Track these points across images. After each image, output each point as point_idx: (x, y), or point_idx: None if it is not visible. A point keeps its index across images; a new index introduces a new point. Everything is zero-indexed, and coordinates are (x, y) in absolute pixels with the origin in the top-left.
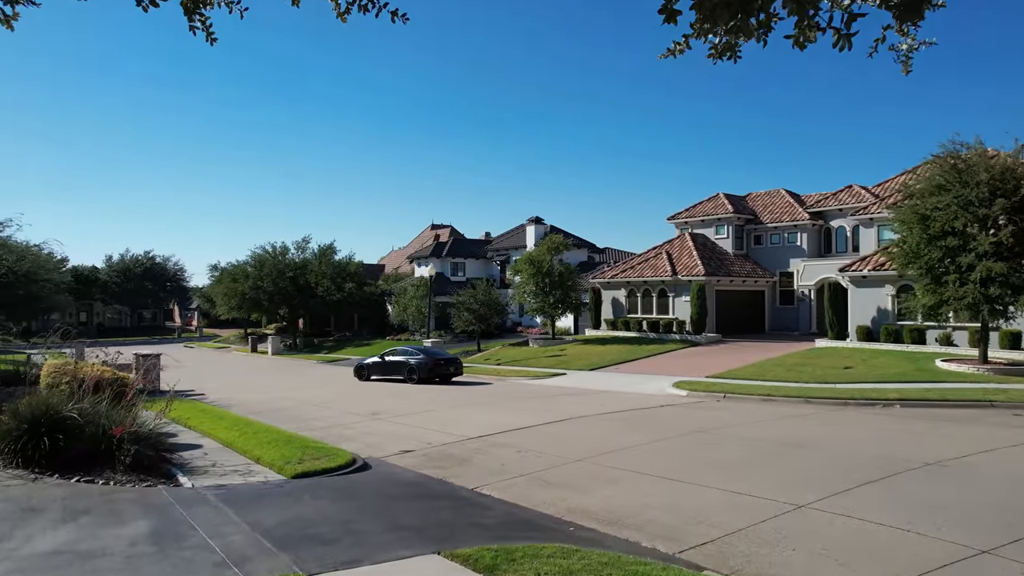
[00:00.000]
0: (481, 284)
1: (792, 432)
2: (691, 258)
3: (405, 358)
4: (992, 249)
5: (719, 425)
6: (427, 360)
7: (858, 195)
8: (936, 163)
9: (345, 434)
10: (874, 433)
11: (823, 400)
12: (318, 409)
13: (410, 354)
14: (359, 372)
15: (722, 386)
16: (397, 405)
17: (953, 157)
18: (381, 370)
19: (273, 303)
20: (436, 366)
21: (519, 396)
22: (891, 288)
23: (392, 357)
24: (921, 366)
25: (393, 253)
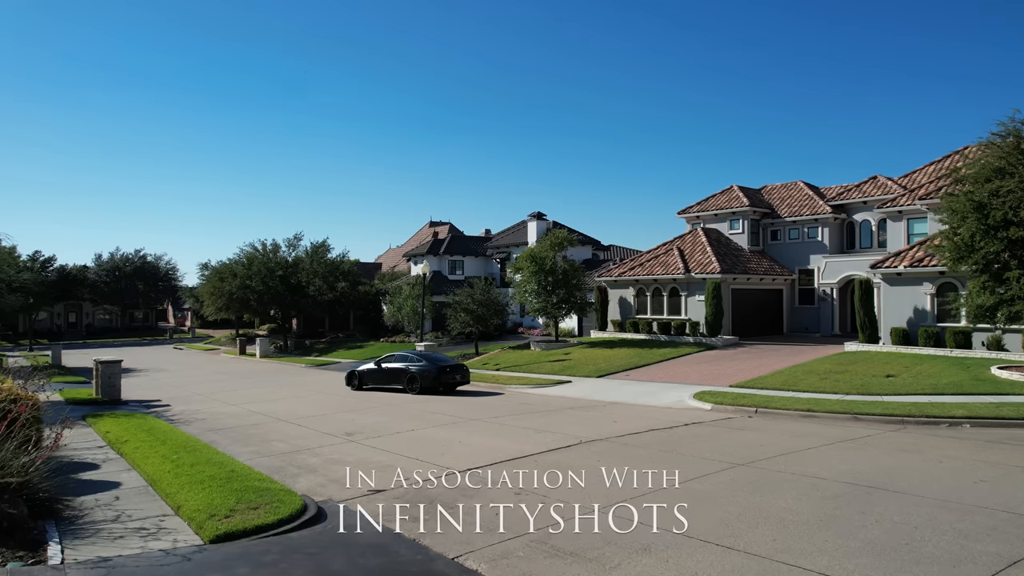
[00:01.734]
0: (479, 283)
1: (858, 466)
2: (705, 254)
3: (404, 365)
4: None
5: (763, 454)
6: (430, 367)
7: (884, 186)
8: (991, 145)
9: (308, 463)
10: (963, 467)
11: (875, 417)
12: (289, 426)
13: (410, 360)
14: (350, 380)
15: (751, 398)
16: (378, 422)
17: (1016, 136)
18: (377, 378)
19: (262, 303)
20: (441, 374)
21: (519, 411)
22: (930, 286)
23: (389, 364)
24: (976, 375)
25: (390, 251)
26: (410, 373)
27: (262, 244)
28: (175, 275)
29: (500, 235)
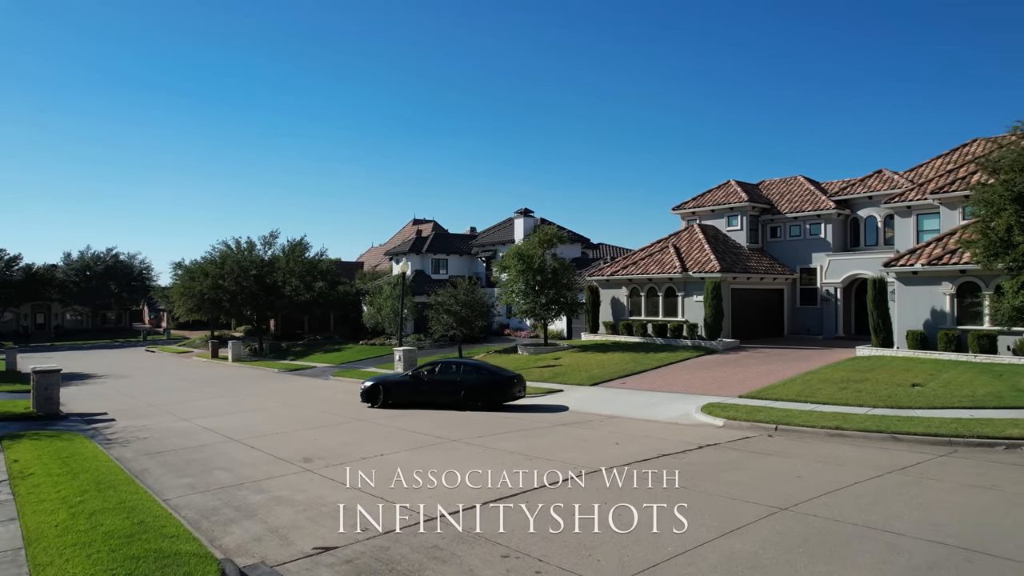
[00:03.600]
0: (463, 282)
1: (932, 512)
2: (703, 252)
3: (456, 375)
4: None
5: (804, 492)
6: (494, 378)
7: (890, 180)
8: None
9: (249, 503)
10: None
11: (917, 438)
12: (240, 448)
13: (461, 369)
14: (371, 396)
15: (767, 412)
16: (343, 444)
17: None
18: (414, 392)
19: (235, 304)
20: (508, 387)
21: (506, 427)
22: (949, 286)
23: (434, 375)
24: (1013, 384)
25: (372, 250)
26: (468, 385)
27: (236, 242)
28: (149, 275)
29: (485, 233)
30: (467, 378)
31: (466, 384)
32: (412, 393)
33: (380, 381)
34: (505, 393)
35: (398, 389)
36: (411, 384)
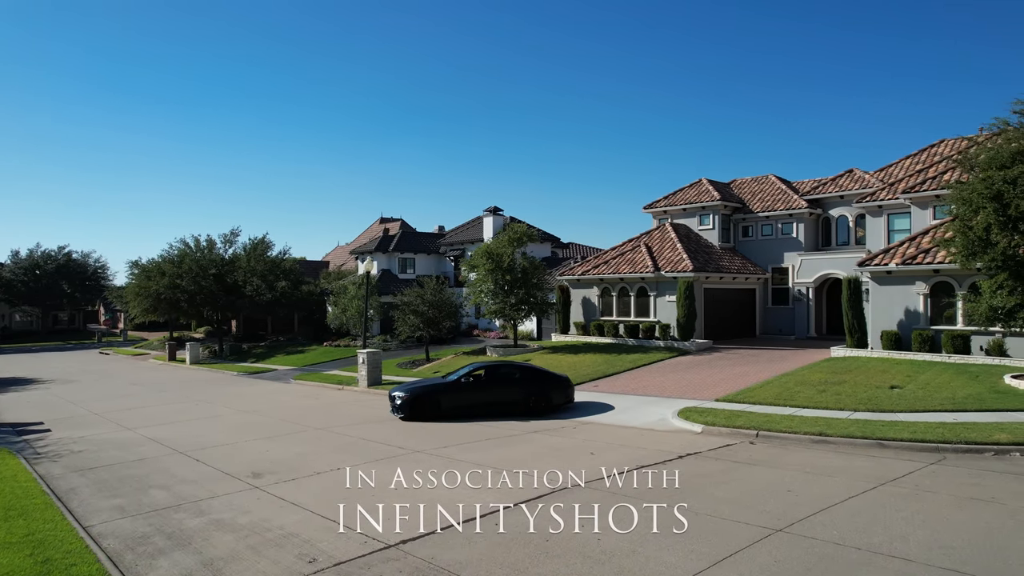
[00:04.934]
0: (430, 282)
1: (937, 532)
2: (675, 251)
3: (514, 378)
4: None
5: (798, 509)
6: (554, 382)
7: (861, 180)
8: (1003, 131)
9: (185, 529)
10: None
11: (903, 444)
12: (184, 461)
13: (518, 373)
14: (412, 407)
15: (746, 418)
16: (297, 456)
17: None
18: (468, 398)
19: (194, 304)
20: (567, 390)
21: (474, 436)
22: (923, 285)
23: (486, 378)
24: (991, 386)
25: (338, 249)
26: (534, 388)
27: (195, 240)
28: (105, 274)
29: (454, 231)
30: (530, 381)
31: (531, 388)
32: (468, 399)
33: (423, 388)
34: (566, 394)
35: (451, 394)
36: (465, 389)
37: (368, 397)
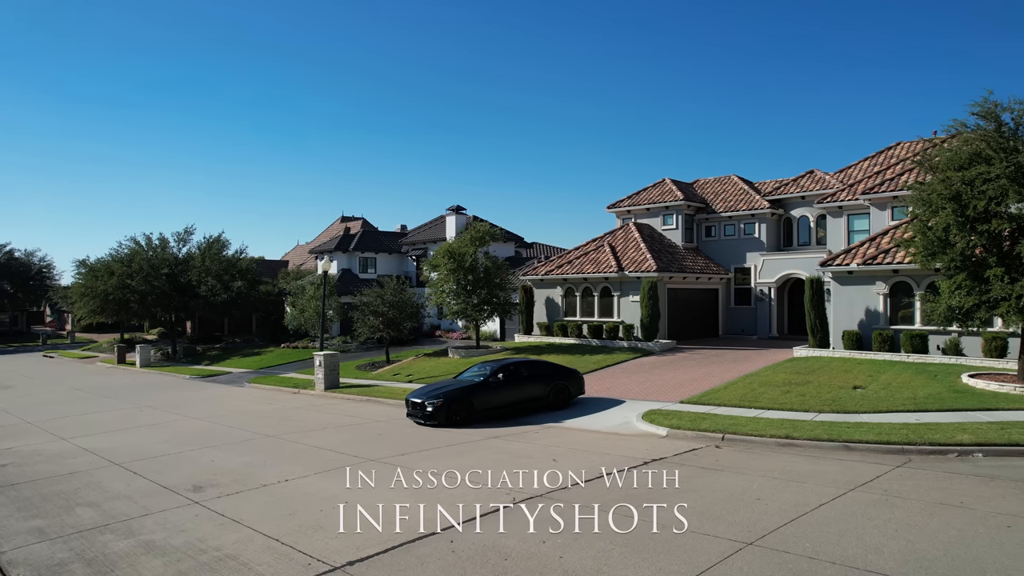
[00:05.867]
0: (390, 282)
1: (912, 541)
2: (639, 251)
3: (536, 374)
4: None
5: (768, 519)
6: (568, 374)
7: (822, 181)
8: (962, 129)
9: (108, 554)
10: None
11: (869, 446)
12: (120, 474)
13: (539, 369)
14: (449, 410)
15: (712, 420)
16: (244, 466)
17: (992, 117)
18: (501, 396)
19: (145, 305)
20: (580, 380)
21: (431, 442)
22: (883, 286)
23: (511, 376)
24: (950, 385)
25: (298, 248)
26: (555, 383)
27: (147, 239)
28: (50, 273)
29: (416, 231)
30: (550, 376)
31: (552, 382)
32: (498, 398)
33: (453, 392)
34: (579, 387)
35: (481, 395)
36: (495, 388)
37: (324, 401)
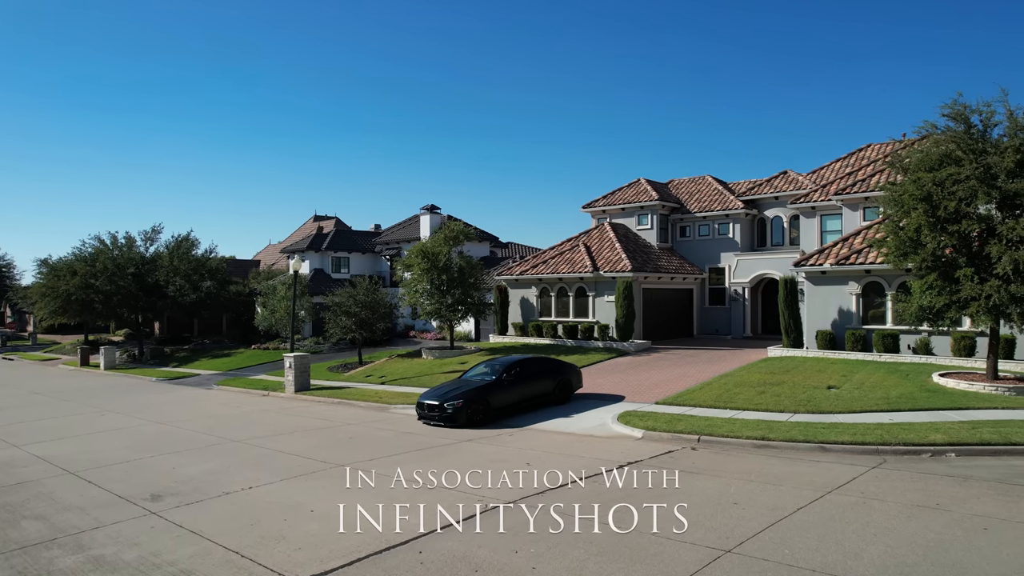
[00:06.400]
0: (363, 282)
1: (892, 546)
2: (614, 251)
3: (541, 371)
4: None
5: (746, 525)
6: (572, 369)
7: (795, 182)
8: (930, 134)
9: (51, 572)
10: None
11: (845, 447)
12: (74, 483)
13: (543, 365)
14: (471, 410)
15: (687, 422)
16: (206, 473)
17: (962, 118)
18: (514, 394)
19: (109, 306)
20: (579, 375)
21: (402, 446)
22: (855, 286)
23: (519, 373)
24: (921, 384)
25: (270, 247)
26: (560, 378)
27: (112, 237)
28: (10, 273)
29: (390, 230)
30: (555, 372)
31: (557, 378)
32: (513, 395)
33: (470, 392)
34: (579, 382)
35: (498, 393)
36: (509, 385)
37: (294, 404)
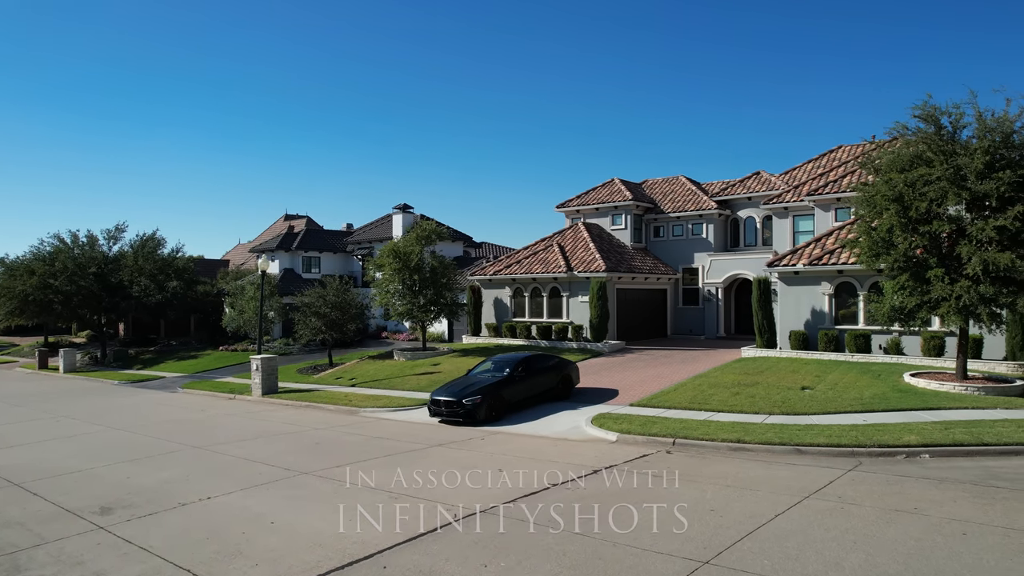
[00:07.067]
0: (333, 282)
1: (871, 555)
2: (588, 251)
3: (545, 367)
4: (996, 235)
5: (724, 534)
6: (573, 364)
7: (768, 182)
8: (902, 135)
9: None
10: (1004, 544)
11: (820, 450)
12: (19, 495)
13: (546, 363)
14: (490, 406)
15: (662, 424)
16: (164, 482)
17: (932, 120)
18: (523, 389)
19: (70, 307)
20: (577, 371)
21: (371, 452)
22: (828, 286)
23: (526, 370)
24: (893, 385)
25: (239, 247)
26: (562, 374)
27: (72, 236)
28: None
29: (362, 229)
30: (556, 368)
31: (559, 373)
32: (521, 389)
33: (485, 388)
34: (578, 377)
35: (510, 388)
36: (518, 381)
37: (261, 408)
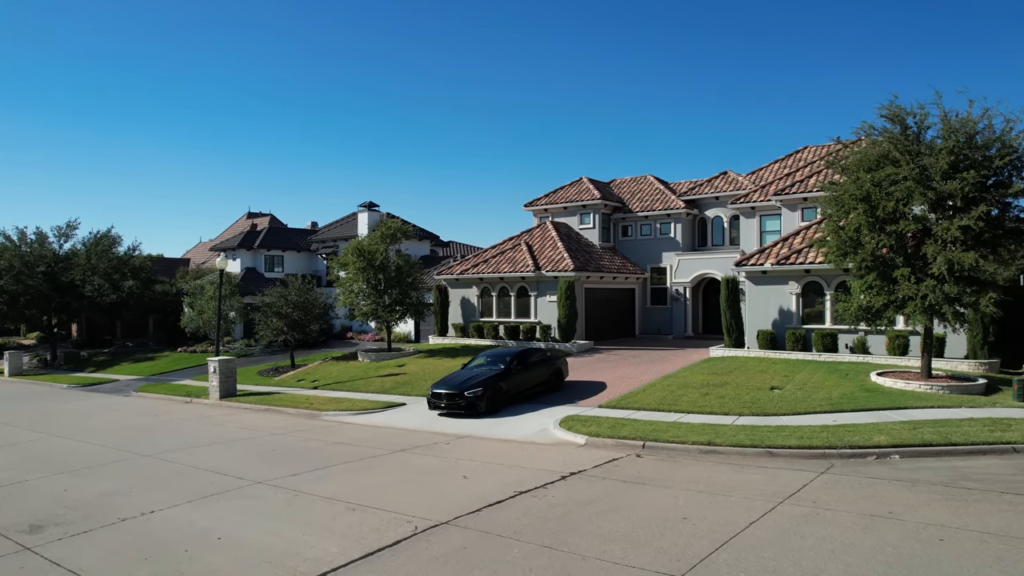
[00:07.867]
0: (295, 281)
1: (851, 566)
2: (556, 250)
3: (537, 361)
4: (960, 235)
5: (697, 544)
6: (562, 359)
7: (735, 182)
8: (868, 135)
9: None
10: (980, 550)
11: (792, 452)
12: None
13: (539, 355)
14: (492, 398)
15: (632, 426)
16: (105, 494)
17: (898, 120)
18: (520, 381)
19: (16, 307)
20: (566, 364)
21: (331, 458)
22: (795, 285)
23: (520, 364)
24: (861, 384)
25: (200, 245)
26: (554, 367)
27: (19, 233)
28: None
29: (327, 228)
30: (548, 361)
31: (552, 366)
32: (518, 382)
33: (486, 381)
34: (567, 370)
35: (508, 382)
36: (515, 373)
37: (218, 412)
